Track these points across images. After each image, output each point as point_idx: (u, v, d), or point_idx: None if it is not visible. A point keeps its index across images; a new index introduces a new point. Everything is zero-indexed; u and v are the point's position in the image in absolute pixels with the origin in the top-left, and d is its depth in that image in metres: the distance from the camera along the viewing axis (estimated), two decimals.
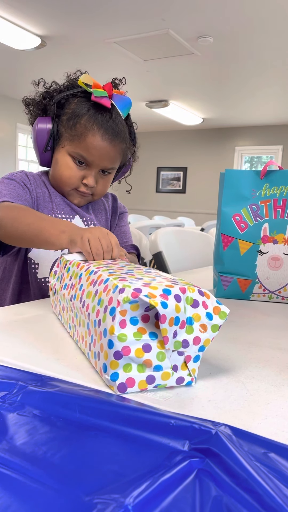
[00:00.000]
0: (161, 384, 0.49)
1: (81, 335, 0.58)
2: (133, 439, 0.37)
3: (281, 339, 0.71)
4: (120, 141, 0.95)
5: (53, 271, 0.77)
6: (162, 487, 0.31)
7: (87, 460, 0.34)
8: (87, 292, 0.57)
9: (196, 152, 7.93)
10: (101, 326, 0.49)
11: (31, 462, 0.33)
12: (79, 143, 0.93)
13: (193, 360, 0.50)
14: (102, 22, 3.50)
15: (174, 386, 0.50)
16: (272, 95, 5.44)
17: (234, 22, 3.36)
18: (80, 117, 0.92)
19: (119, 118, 0.95)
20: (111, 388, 0.48)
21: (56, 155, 0.97)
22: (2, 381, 0.47)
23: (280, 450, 0.36)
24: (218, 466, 0.33)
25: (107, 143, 0.93)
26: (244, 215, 0.96)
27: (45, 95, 0.98)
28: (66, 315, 0.67)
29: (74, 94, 0.95)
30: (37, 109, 0.99)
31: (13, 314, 0.77)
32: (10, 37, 3.81)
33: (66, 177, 0.96)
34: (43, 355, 0.57)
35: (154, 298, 0.46)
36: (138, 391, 0.48)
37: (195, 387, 0.50)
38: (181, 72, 4.72)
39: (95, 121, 0.92)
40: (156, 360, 0.48)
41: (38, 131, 0.96)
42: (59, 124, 0.95)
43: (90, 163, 0.94)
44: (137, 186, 8.89)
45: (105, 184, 1.00)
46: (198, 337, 0.49)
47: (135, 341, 0.47)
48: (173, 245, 1.62)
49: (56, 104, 0.95)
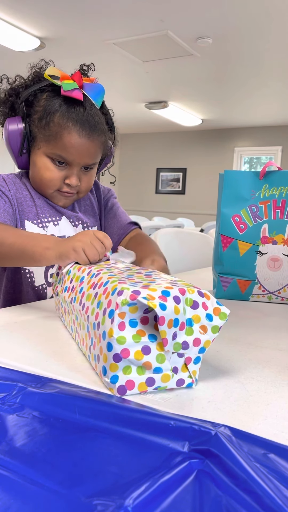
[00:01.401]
0: (161, 386, 0.48)
1: (81, 337, 0.58)
2: (132, 440, 0.37)
3: (280, 340, 0.71)
4: (98, 134, 0.90)
5: (55, 273, 0.77)
6: (161, 488, 0.31)
7: (87, 462, 0.34)
8: (87, 295, 0.57)
9: (196, 153, 7.93)
10: (100, 329, 0.49)
11: (30, 463, 0.33)
12: (55, 143, 0.87)
13: (193, 362, 0.50)
14: (101, 23, 3.50)
15: (174, 388, 0.50)
16: (271, 96, 5.44)
17: (233, 24, 3.37)
18: (52, 115, 0.86)
19: (93, 109, 0.90)
20: (111, 390, 0.48)
21: (33, 157, 0.92)
22: (2, 382, 0.47)
23: (280, 451, 0.36)
24: (217, 467, 0.33)
25: (86, 139, 0.88)
26: (243, 216, 0.96)
27: (11, 92, 0.92)
28: (68, 317, 0.67)
29: (42, 88, 0.89)
30: (4, 108, 0.93)
31: (13, 316, 0.77)
32: (9, 39, 3.81)
33: (47, 179, 0.91)
34: (43, 357, 0.57)
35: (153, 300, 0.46)
36: (138, 393, 0.48)
37: (194, 388, 0.50)
38: (180, 73, 4.72)
39: (69, 117, 0.86)
40: (155, 362, 0.47)
41: (10, 133, 0.90)
42: (31, 123, 0.90)
43: (71, 162, 0.89)
44: (137, 187, 8.90)
45: (89, 180, 0.96)
46: (198, 339, 0.49)
47: (134, 344, 0.47)
48: (172, 246, 1.62)
49: (24, 102, 0.89)
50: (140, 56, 4.18)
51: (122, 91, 5.49)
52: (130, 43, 3.85)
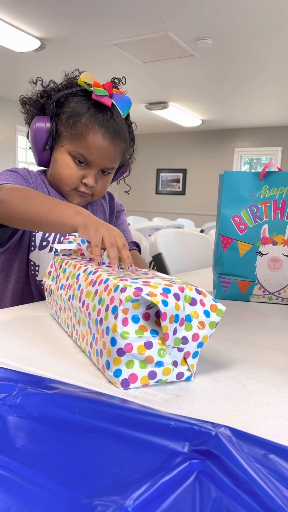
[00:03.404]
0: (162, 379, 0.50)
1: (81, 333, 0.59)
2: (132, 441, 0.37)
3: (281, 340, 0.71)
4: (120, 140, 0.95)
5: (47, 271, 0.77)
6: (162, 489, 0.31)
7: (87, 462, 0.34)
8: (87, 292, 0.57)
9: (196, 153, 7.93)
10: (103, 325, 0.50)
11: (30, 464, 0.33)
12: (79, 142, 0.92)
13: (192, 356, 0.51)
14: (101, 24, 3.51)
15: (174, 381, 0.51)
16: (271, 97, 5.45)
17: (233, 24, 3.37)
18: (81, 116, 0.91)
19: (119, 117, 0.95)
20: (114, 384, 0.49)
21: (55, 154, 0.96)
22: (2, 383, 0.47)
23: (280, 451, 0.36)
24: (218, 468, 0.33)
25: (108, 142, 0.92)
26: (243, 217, 0.96)
27: (43, 94, 0.97)
28: (64, 314, 0.67)
29: (74, 92, 0.94)
30: (34, 108, 0.98)
31: (13, 316, 0.77)
32: (9, 40, 3.82)
33: (66, 176, 0.95)
34: (43, 357, 0.57)
35: (155, 296, 0.47)
36: (140, 386, 0.49)
37: (194, 388, 0.50)
38: (181, 74, 4.73)
39: (96, 120, 0.91)
40: (157, 356, 0.49)
41: (37, 129, 0.94)
42: (58, 123, 0.94)
43: (91, 163, 0.94)
44: (137, 188, 8.91)
45: (105, 184, 1.00)
46: (197, 334, 0.51)
47: (137, 339, 0.48)
48: (172, 246, 1.62)
49: (55, 103, 0.94)
50: (140, 57, 4.19)
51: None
52: (130, 44, 3.85)
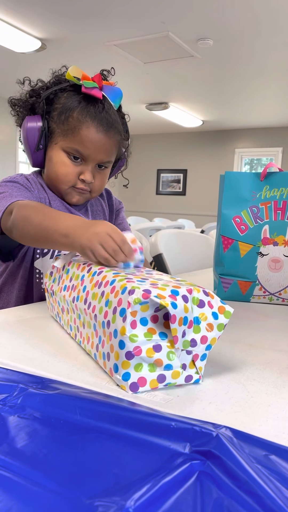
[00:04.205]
0: (171, 382, 0.49)
1: (86, 336, 0.58)
2: (133, 442, 0.37)
3: (281, 341, 0.71)
4: (115, 132, 0.92)
5: (48, 272, 0.76)
6: (163, 490, 0.31)
7: (88, 463, 0.34)
8: (93, 294, 0.57)
9: (196, 154, 7.93)
10: (111, 327, 0.50)
11: (31, 464, 0.33)
12: (73, 137, 0.89)
13: (200, 359, 0.51)
14: (102, 25, 3.51)
15: (183, 384, 0.50)
16: (271, 97, 5.45)
17: (233, 25, 3.37)
18: (72, 111, 0.89)
19: (111, 109, 0.92)
20: (123, 387, 0.48)
21: (50, 152, 0.94)
22: (3, 383, 0.47)
23: (281, 452, 0.36)
24: (219, 468, 0.33)
25: (102, 135, 0.90)
26: (244, 217, 0.96)
27: (32, 94, 0.95)
28: (67, 316, 0.66)
29: (63, 88, 0.92)
30: (24, 109, 0.96)
31: (14, 317, 0.77)
32: (10, 40, 3.82)
33: (62, 174, 0.92)
34: (44, 357, 0.57)
35: (164, 299, 0.47)
36: (149, 390, 0.48)
37: (195, 389, 0.50)
38: (181, 75, 4.73)
39: (87, 113, 0.88)
40: (166, 360, 0.48)
41: (29, 129, 0.92)
42: (50, 120, 0.92)
43: (86, 157, 0.91)
44: (137, 188, 8.89)
45: (103, 179, 0.97)
46: (206, 336, 0.50)
47: (146, 341, 0.48)
48: (173, 247, 1.62)
49: (45, 101, 0.92)
50: (141, 58, 4.19)
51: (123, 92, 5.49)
52: (131, 44, 3.86)
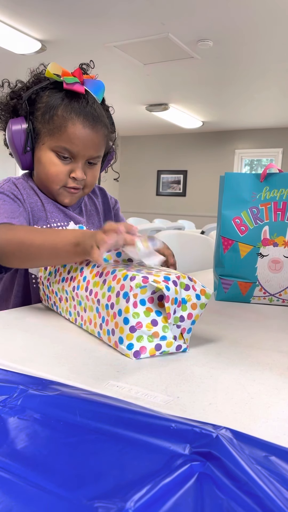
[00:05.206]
0: (165, 350, 0.61)
1: (87, 318, 0.68)
2: (133, 443, 0.37)
3: (281, 342, 0.71)
4: (101, 126, 0.91)
5: (43, 267, 0.82)
6: (163, 491, 0.30)
7: (88, 464, 0.34)
8: (94, 282, 0.67)
9: (196, 155, 7.93)
10: (115, 308, 0.61)
11: (31, 466, 0.33)
12: (60, 135, 0.88)
13: (187, 332, 0.62)
14: (102, 26, 3.51)
15: (174, 352, 0.61)
16: (272, 98, 5.45)
17: (233, 26, 3.37)
18: (56, 109, 0.87)
19: (96, 103, 0.91)
20: (127, 355, 0.59)
21: (38, 153, 0.92)
22: (3, 385, 0.47)
23: (281, 453, 0.36)
24: (219, 470, 0.33)
25: (89, 130, 0.88)
26: (244, 218, 0.96)
27: (12, 96, 0.93)
28: (66, 304, 0.75)
29: (44, 87, 0.90)
30: (6, 112, 0.94)
31: (14, 318, 0.77)
32: (10, 42, 3.82)
33: (53, 174, 0.91)
34: (44, 359, 0.57)
35: (159, 283, 0.58)
36: (149, 356, 0.59)
37: (195, 390, 0.50)
38: (181, 76, 4.73)
39: (72, 109, 0.87)
40: (161, 332, 0.60)
41: (14, 132, 0.90)
42: (34, 121, 0.90)
43: (75, 155, 0.90)
44: (137, 189, 8.89)
45: (94, 174, 0.96)
46: (191, 313, 0.62)
47: (145, 318, 0.59)
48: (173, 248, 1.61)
49: (27, 101, 0.90)
50: (141, 59, 4.19)
51: (123, 94, 5.50)
52: (131, 45, 3.86)
